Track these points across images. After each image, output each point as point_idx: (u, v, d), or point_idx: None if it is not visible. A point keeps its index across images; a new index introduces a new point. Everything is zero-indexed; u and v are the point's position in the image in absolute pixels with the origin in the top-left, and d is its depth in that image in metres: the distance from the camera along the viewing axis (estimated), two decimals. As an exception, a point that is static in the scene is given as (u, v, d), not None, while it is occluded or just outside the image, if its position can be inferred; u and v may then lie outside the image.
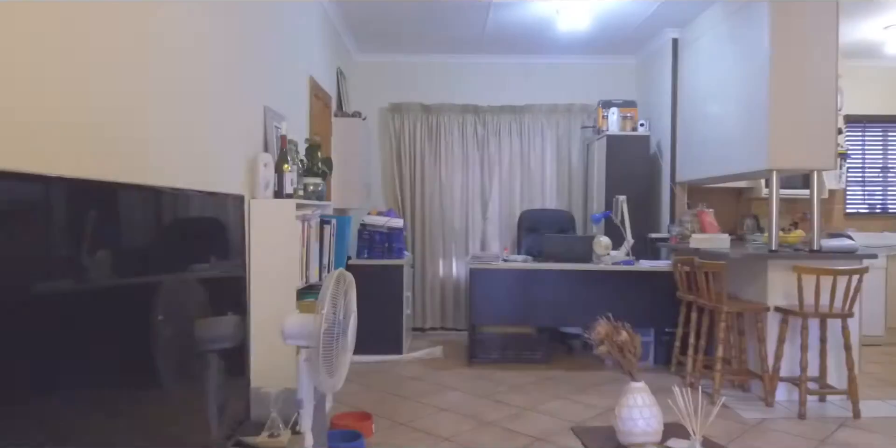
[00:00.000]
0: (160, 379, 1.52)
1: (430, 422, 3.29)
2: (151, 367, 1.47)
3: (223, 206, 1.92)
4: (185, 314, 1.72)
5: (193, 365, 1.78)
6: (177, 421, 1.62)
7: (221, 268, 1.94)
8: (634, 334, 2.01)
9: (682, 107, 5.09)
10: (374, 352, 4.65)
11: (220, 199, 1.90)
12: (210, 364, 1.90)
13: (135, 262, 1.38)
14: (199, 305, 1.83)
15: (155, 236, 1.51)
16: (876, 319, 5.36)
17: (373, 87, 5.98)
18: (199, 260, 1.78)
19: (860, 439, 3.11)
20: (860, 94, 6.00)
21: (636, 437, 1.94)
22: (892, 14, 4.74)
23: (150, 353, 1.46)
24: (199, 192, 1.77)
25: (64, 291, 1.11)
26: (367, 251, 4.73)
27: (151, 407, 1.46)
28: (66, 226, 1.12)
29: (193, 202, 1.74)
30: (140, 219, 1.43)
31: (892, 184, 6.16)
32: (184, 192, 1.66)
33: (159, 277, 1.52)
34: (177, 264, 1.63)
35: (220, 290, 1.94)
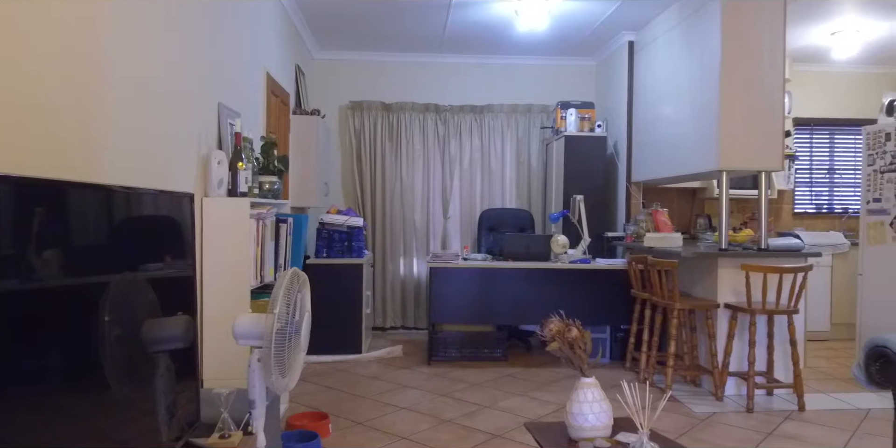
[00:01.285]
0: (107, 381, 1.49)
1: (388, 421, 3.29)
2: (97, 368, 1.43)
3: (171, 205, 1.89)
4: (132, 315, 1.68)
5: (141, 366, 1.75)
6: (124, 423, 1.58)
7: (170, 267, 1.91)
8: (584, 331, 2.05)
9: (637, 108, 5.19)
10: (332, 352, 4.62)
11: (169, 198, 1.86)
12: (159, 365, 1.86)
13: (79, 262, 1.35)
14: (148, 306, 1.80)
15: (100, 235, 1.48)
16: (822, 315, 5.56)
17: (332, 84, 5.94)
18: (147, 259, 1.74)
19: (804, 431, 3.22)
20: (808, 97, 6.21)
21: (586, 432, 1.98)
22: (839, 21, 4.92)
23: (96, 354, 1.43)
24: (147, 190, 1.73)
25: (6, 291, 1.07)
26: (326, 250, 4.69)
27: (98, 410, 1.43)
28: (9, 225, 1.09)
29: (140, 200, 1.71)
30: (84, 217, 1.40)
31: (838, 185, 6.39)
32: (130, 191, 1.63)
33: (105, 277, 1.49)
34: (123, 264, 1.59)
35: (168, 290, 1.90)
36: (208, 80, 2.82)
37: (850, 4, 4.56)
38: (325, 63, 5.93)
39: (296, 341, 2.05)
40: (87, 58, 1.79)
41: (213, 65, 2.89)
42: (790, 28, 5.03)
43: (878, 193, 4.45)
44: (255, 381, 2.01)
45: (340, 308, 4.66)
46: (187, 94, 2.56)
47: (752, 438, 3.09)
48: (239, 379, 2.54)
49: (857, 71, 6.26)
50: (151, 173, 2.24)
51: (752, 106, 3.81)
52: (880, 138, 4.44)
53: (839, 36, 5.23)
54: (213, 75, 2.88)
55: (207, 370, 2.72)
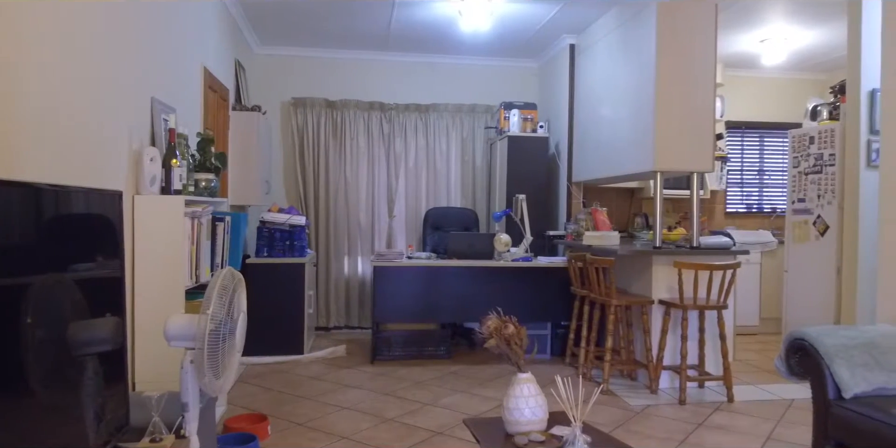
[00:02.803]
0: (30, 385, 1.43)
1: (329, 421, 3.26)
2: (20, 372, 1.38)
3: (99, 203, 1.83)
4: (57, 316, 1.62)
5: (67, 369, 1.68)
6: (50, 429, 1.52)
7: (98, 267, 1.85)
8: (520, 327, 2.09)
9: (578, 110, 5.31)
10: (273, 353, 4.55)
11: (96, 196, 1.80)
12: (86, 368, 1.80)
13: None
14: (73, 307, 1.73)
15: (22, 235, 1.42)
16: (751, 311, 5.82)
17: (275, 80, 5.84)
18: (73, 260, 1.68)
19: (733, 422, 3.36)
20: (740, 101, 6.48)
21: (522, 426, 2.01)
22: (768, 29, 5.14)
23: (18, 357, 1.37)
24: (72, 187, 1.67)
25: None
26: (268, 249, 4.61)
27: (21, 415, 1.37)
28: None
29: (65, 199, 1.65)
30: (5, 216, 1.34)
31: (767, 185, 6.69)
32: (55, 188, 1.57)
33: (27, 278, 1.43)
34: (47, 264, 1.53)
35: (96, 291, 1.84)
36: (140, 74, 2.74)
37: (779, 13, 4.78)
38: (267, 59, 5.82)
39: (230, 342, 2.02)
40: (4, 44, 1.71)
41: (146, 58, 2.81)
42: (722, 35, 5.23)
43: (803, 194, 4.69)
44: (187, 383, 1.97)
45: (282, 308, 4.59)
46: (117, 87, 2.48)
47: (683, 429, 3.21)
48: (173, 382, 2.47)
49: (785, 77, 6.56)
50: (78, 170, 2.15)
51: (685, 109, 3.95)
52: (804, 141, 4.68)
53: (768, 43, 5.48)
54: (145, 69, 2.80)
55: (140, 373, 2.64)
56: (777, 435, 3.15)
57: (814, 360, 2.30)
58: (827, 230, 4.42)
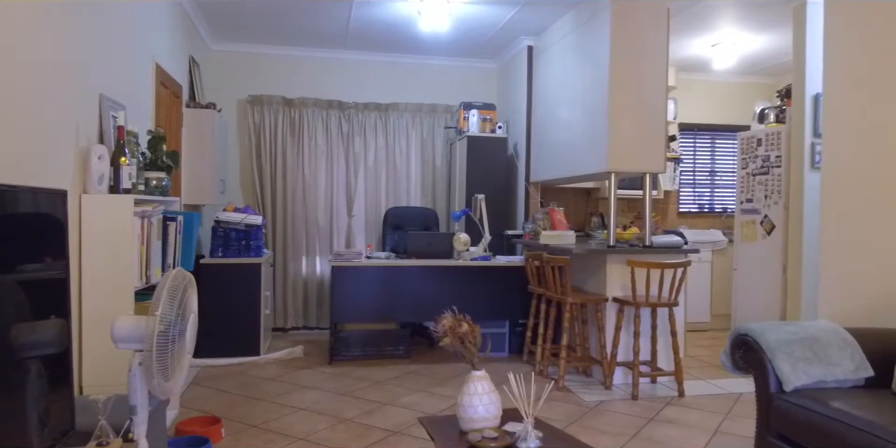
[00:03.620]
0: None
1: (285, 422, 3.23)
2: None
3: (42, 202, 1.78)
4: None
5: (9, 373, 1.64)
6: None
7: (41, 269, 1.79)
8: (474, 325, 2.11)
9: (536, 111, 5.37)
10: (229, 354, 4.48)
11: (39, 195, 1.75)
12: (29, 371, 1.75)
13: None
14: (16, 309, 1.68)
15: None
16: (703, 308, 5.98)
17: (231, 77, 5.75)
18: (15, 261, 1.63)
19: (683, 416, 3.46)
20: (692, 104, 6.65)
21: (476, 423, 2.04)
22: (718, 34, 5.29)
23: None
24: (14, 186, 1.62)
25: None
26: (223, 249, 4.54)
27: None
28: None
29: (6, 198, 1.59)
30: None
31: (718, 186, 6.88)
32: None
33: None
34: (-20, 264, 1.48)
35: (39, 293, 1.79)
36: (88, 70, 2.67)
37: (729, 19, 4.93)
38: (223, 55, 5.73)
39: (181, 344, 1.99)
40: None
41: (94, 53, 2.73)
42: (675, 39, 5.36)
43: (751, 194, 4.84)
44: (136, 385, 1.93)
45: (237, 309, 4.52)
46: (64, 83, 2.41)
47: (635, 424, 3.29)
48: (123, 385, 2.42)
49: (735, 80, 6.77)
50: (21, 169, 2.09)
51: (638, 111, 4.05)
52: (752, 143, 4.84)
53: (719, 48, 5.64)
54: (93, 64, 2.72)
55: (88, 376, 2.57)
56: (724, 428, 3.25)
57: (757, 355, 2.39)
58: (773, 229, 4.58)
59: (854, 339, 2.42)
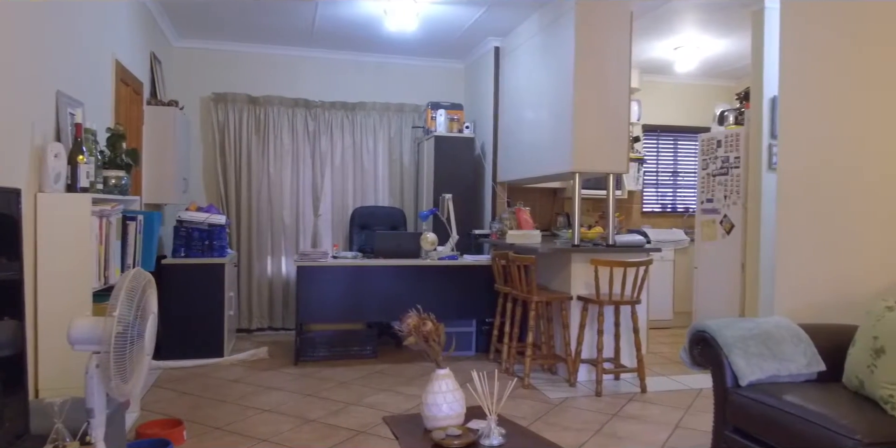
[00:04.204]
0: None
1: (249, 424, 3.20)
2: None
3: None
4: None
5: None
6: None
7: (-9, 268, 1.75)
8: (438, 324, 2.12)
9: (502, 111, 5.41)
10: (192, 356, 4.41)
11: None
12: (-21, 376, 1.70)
13: None
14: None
15: None
16: (665, 305, 6.10)
17: (194, 75, 5.65)
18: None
19: (645, 411, 3.52)
20: (656, 106, 6.78)
21: (440, 421, 2.05)
22: (681, 37, 5.40)
23: None
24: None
25: None
26: (185, 249, 4.46)
27: None
28: None
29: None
30: None
31: (680, 186, 7.02)
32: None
33: None
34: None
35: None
36: (44, 66, 2.60)
37: (690, 22, 5.03)
38: (186, 52, 5.63)
39: (139, 345, 1.95)
40: None
41: (51, 48, 2.66)
42: (639, 41, 5.46)
43: (711, 195, 4.95)
44: (93, 388, 1.89)
45: (200, 310, 4.45)
46: (17, 79, 2.34)
47: (598, 420, 3.34)
48: (81, 387, 2.37)
49: (697, 83, 6.92)
50: (-30, 165, 2.03)
51: (602, 113, 4.11)
52: (713, 145, 4.95)
53: (681, 51, 5.75)
54: (50, 60, 2.66)
55: (44, 379, 2.51)
56: (685, 423, 3.32)
57: (714, 351, 2.45)
58: (732, 229, 4.70)
59: (807, 334, 2.50)
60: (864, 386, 2.17)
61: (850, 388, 2.27)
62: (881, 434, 1.89)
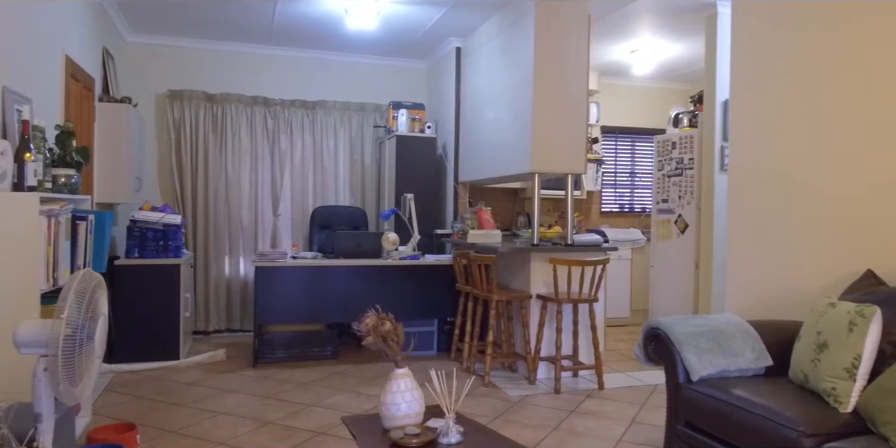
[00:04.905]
0: None
1: (205, 427, 3.14)
2: None
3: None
4: None
5: None
6: None
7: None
8: (397, 324, 2.12)
9: (464, 112, 5.44)
10: (146, 359, 4.32)
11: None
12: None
13: None
14: None
15: None
16: (623, 303, 6.22)
17: (149, 71, 5.52)
18: None
19: (602, 407, 3.59)
20: (614, 108, 6.90)
21: (399, 420, 2.05)
22: (637, 40, 5.51)
23: None
24: None
25: None
26: (139, 250, 4.36)
27: None
28: None
29: None
30: None
31: (638, 187, 7.17)
32: None
33: None
34: None
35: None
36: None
37: (647, 26, 5.14)
38: (140, 47, 5.49)
39: (89, 348, 1.91)
40: None
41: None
42: (597, 45, 5.55)
43: (666, 195, 5.07)
44: (41, 392, 1.84)
45: (155, 312, 4.36)
46: (-42, 73, 2.26)
47: (557, 416, 3.39)
48: (28, 392, 2.29)
49: (653, 86, 7.07)
50: None
51: (561, 114, 4.17)
52: (668, 146, 5.07)
53: (638, 54, 5.87)
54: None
55: (-12, 385, 2.42)
56: (640, 418, 3.39)
57: (667, 347, 2.52)
58: (687, 228, 4.82)
59: (755, 330, 2.59)
60: (809, 379, 2.26)
61: (796, 381, 2.36)
62: (824, 425, 1.97)
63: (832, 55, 2.85)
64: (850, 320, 2.16)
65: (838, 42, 2.81)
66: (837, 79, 2.82)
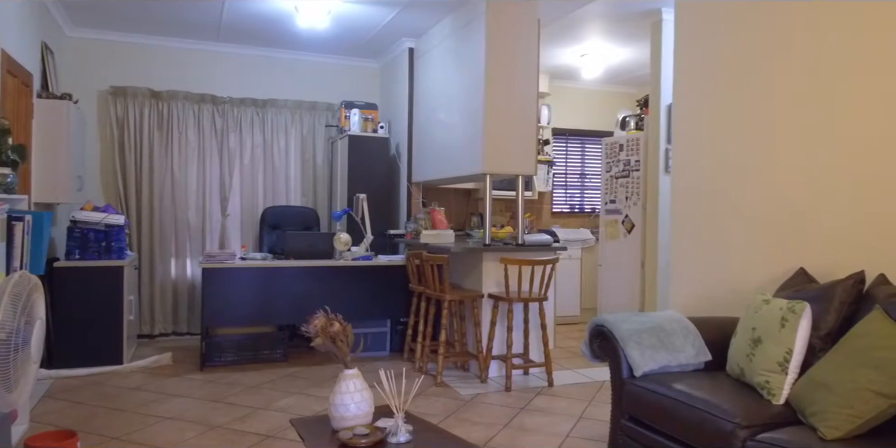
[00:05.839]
0: None
1: (150, 433, 3.07)
2: None
3: None
4: None
5: None
6: None
7: None
8: (346, 324, 2.12)
9: (417, 112, 5.45)
10: (88, 364, 4.18)
11: None
12: None
13: None
14: None
15: None
16: (573, 302, 6.34)
17: (91, 67, 5.34)
18: None
19: (552, 404, 3.66)
20: (565, 110, 7.03)
21: (348, 421, 2.05)
22: (587, 44, 5.63)
23: None
24: None
25: None
26: (80, 251, 4.21)
27: None
28: None
29: None
30: None
31: (588, 188, 7.32)
32: None
33: None
34: None
35: None
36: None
37: (595, 31, 5.26)
38: (82, 42, 5.31)
39: (25, 353, 1.84)
40: None
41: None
42: (548, 48, 5.65)
43: (614, 196, 5.20)
44: (-29, 400, 1.77)
45: (97, 315, 4.22)
46: None
47: (507, 414, 3.44)
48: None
49: (602, 89, 7.23)
50: None
51: (511, 116, 4.22)
52: (615, 149, 5.20)
53: (587, 58, 6.00)
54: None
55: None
56: (588, 414, 3.47)
57: (611, 344, 2.59)
58: (633, 228, 4.95)
59: (695, 327, 2.68)
60: (745, 373, 2.36)
61: (733, 375, 2.46)
62: (757, 417, 2.06)
63: (770, 60, 2.98)
64: (782, 316, 2.26)
65: (777, 47, 2.94)
66: (775, 83, 2.95)
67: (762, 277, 2.98)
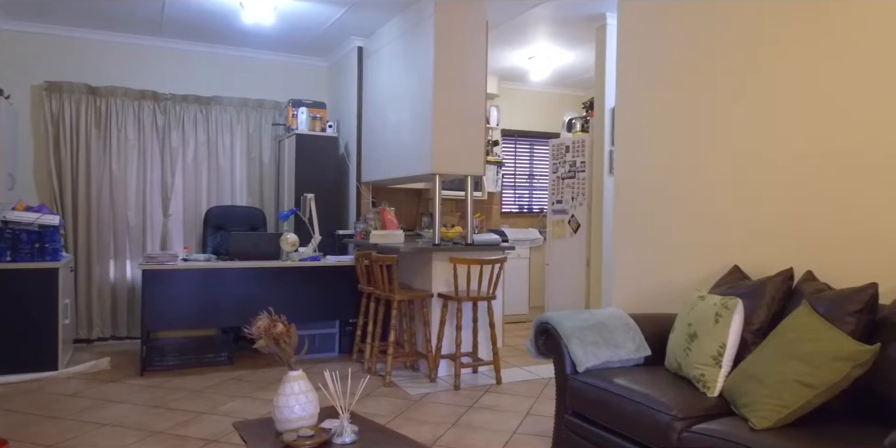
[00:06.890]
0: None
1: (86, 440, 2.96)
2: None
3: None
4: None
5: None
6: None
7: None
8: (289, 326, 2.10)
9: (366, 112, 5.42)
10: (20, 370, 4.00)
11: None
12: None
13: None
14: None
15: None
16: (522, 301, 6.42)
17: (23, 61, 5.11)
18: None
19: (500, 401, 3.70)
20: (514, 111, 7.11)
21: (293, 423, 2.03)
22: (534, 47, 5.71)
23: None
24: None
25: None
26: (11, 253, 4.02)
27: None
28: None
29: None
30: None
31: (536, 188, 7.42)
32: None
33: None
34: None
35: None
36: None
37: (543, 34, 5.34)
38: (14, 35, 5.07)
39: (-54, 359, 1.75)
40: None
41: None
42: (497, 50, 5.71)
43: (560, 196, 5.29)
44: None
45: (30, 319, 4.04)
46: None
47: (456, 412, 3.46)
48: None
49: (550, 91, 7.35)
50: None
51: (460, 117, 4.25)
52: (562, 150, 5.29)
53: (535, 60, 6.09)
54: None
55: None
56: (534, 410, 3.53)
57: (555, 341, 2.64)
58: (579, 228, 5.05)
59: (636, 323, 2.76)
60: (682, 367, 2.44)
61: (671, 370, 2.54)
62: (693, 409, 2.13)
63: (708, 61, 3.09)
64: (716, 312, 2.36)
65: (715, 49, 3.06)
66: (712, 84, 3.06)
67: (699, 275, 3.09)
